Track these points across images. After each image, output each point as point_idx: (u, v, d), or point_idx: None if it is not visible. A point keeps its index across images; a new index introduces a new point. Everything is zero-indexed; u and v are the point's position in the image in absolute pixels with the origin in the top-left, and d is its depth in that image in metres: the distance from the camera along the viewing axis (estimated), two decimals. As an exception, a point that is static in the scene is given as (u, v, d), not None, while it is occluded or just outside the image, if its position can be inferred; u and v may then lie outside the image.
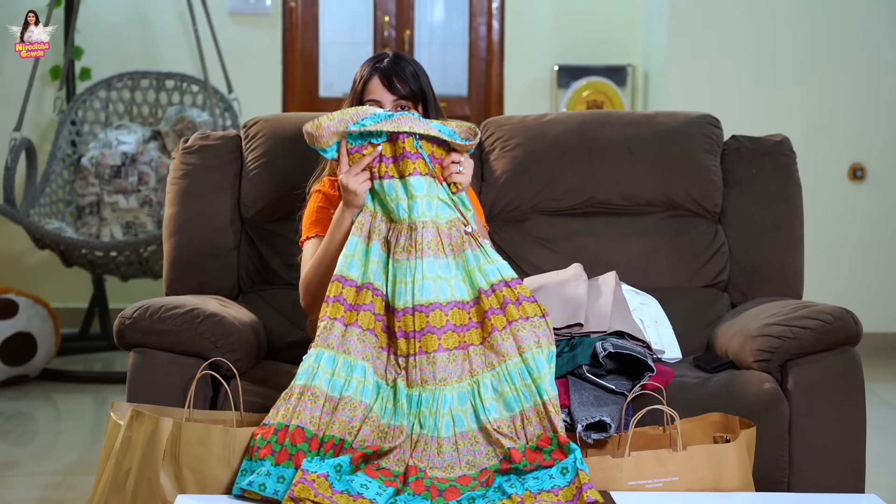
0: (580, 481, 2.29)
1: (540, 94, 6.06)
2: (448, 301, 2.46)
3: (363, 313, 2.48)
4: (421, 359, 2.43)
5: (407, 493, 2.28)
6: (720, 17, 5.60)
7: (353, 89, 2.76)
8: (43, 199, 5.34)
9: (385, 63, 2.74)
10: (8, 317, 4.98)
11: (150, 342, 2.73)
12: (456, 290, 2.48)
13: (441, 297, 2.46)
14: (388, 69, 2.72)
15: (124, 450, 2.48)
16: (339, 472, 2.29)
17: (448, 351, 2.44)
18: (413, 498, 2.27)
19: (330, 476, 2.28)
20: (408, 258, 2.47)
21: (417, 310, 2.45)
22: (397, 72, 2.72)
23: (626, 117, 3.33)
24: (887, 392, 4.94)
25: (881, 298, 5.71)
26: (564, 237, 3.21)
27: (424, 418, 2.40)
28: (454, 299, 2.47)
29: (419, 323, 2.44)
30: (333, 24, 6.16)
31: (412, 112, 2.63)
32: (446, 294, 2.47)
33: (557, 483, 2.30)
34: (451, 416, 2.40)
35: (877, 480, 3.55)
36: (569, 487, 2.28)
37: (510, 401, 2.42)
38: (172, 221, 3.15)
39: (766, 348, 2.76)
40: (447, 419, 2.40)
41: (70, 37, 5.54)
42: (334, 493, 2.25)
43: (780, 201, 3.23)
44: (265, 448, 2.34)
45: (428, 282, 2.46)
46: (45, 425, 4.62)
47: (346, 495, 2.25)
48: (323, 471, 2.28)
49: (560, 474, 2.31)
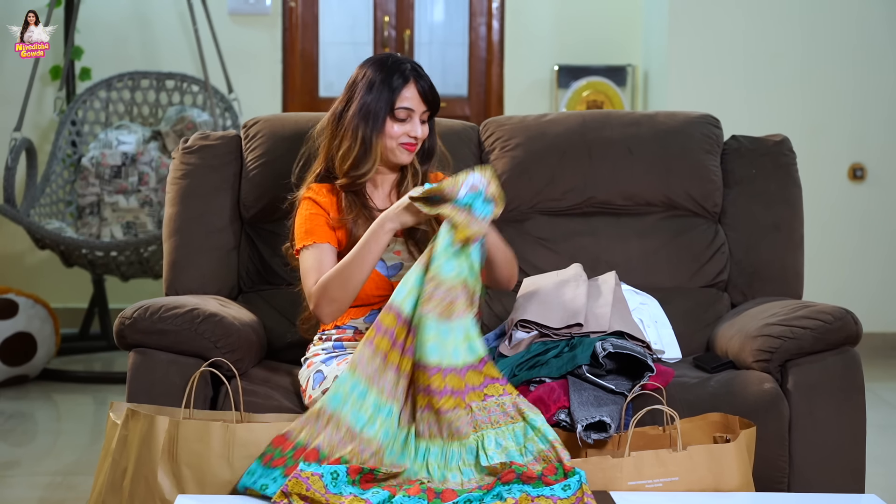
0: (582, 493, 2.29)
1: (540, 94, 6.06)
2: (446, 365, 2.46)
3: (405, 358, 2.48)
4: (428, 413, 2.44)
5: (402, 495, 2.28)
6: (720, 17, 5.60)
7: (378, 88, 2.73)
8: (43, 200, 5.34)
9: (422, 77, 2.75)
10: (8, 317, 4.98)
11: (150, 342, 2.73)
12: (453, 355, 2.47)
13: (442, 361, 2.46)
14: (426, 83, 2.75)
15: (120, 449, 2.47)
16: (334, 478, 2.29)
17: (451, 410, 2.44)
18: (409, 499, 2.27)
19: (325, 478, 2.28)
20: (421, 313, 2.48)
21: (418, 367, 2.46)
22: (431, 87, 2.76)
23: (626, 117, 3.33)
24: (887, 392, 4.94)
25: (881, 298, 5.71)
26: (564, 237, 3.21)
27: (433, 469, 2.40)
28: (451, 364, 2.47)
29: (423, 380, 2.45)
30: (333, 24, 6.16)
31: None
32: (445, 357, 2.46)
33: (558, 495, 2.29)
34: (460, 470, 2.41)
35: (877, 480, 3.55)
36: (568, 499, 2.29)
37: (513, 454, 2.43)
38: (172, 221, 3.15)
39: (766, 348, 2.76)
40: (455, 473, 2.40)
41: (70, 37, 5.54)
42: (327, 493, 2.26)
43: (780, 201, 3.23)
44: (280, 460, 2.36)
45: (432, 343, 2.46)
46: (45, 425, 4.62)
47: (338, 495, 2.26)
48: (318, 471, 2.29)
49: (562, 490, 2.31)
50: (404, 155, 2.77)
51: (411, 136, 2.75)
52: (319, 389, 2.65)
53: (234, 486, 2.41)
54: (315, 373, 2.70)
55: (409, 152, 2.77)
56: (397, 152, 2.76)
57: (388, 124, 2.74)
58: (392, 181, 2.84)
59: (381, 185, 2.84)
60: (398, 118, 2.74)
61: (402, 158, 2.77)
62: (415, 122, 2.75)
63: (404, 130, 2.75)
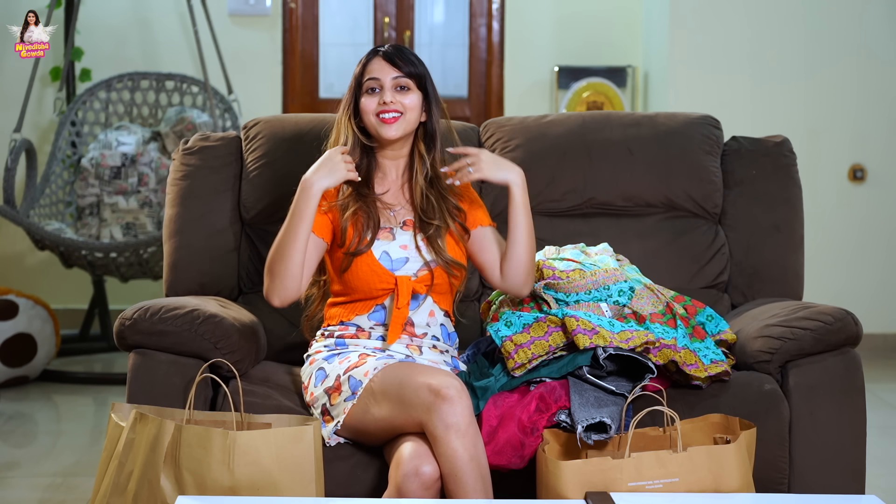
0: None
1: (540, 95, 6.06)
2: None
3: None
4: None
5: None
6: (720, 18, 5.60)
7: (353, 77, 2.77)
8: (43, 200, 5.34)
9: (386, 46, 2.77)
10: (8, 318, 4.98)
11: (150, 343, 2.73)
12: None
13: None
14: (389, 50, 2.75)
15: (127, 452, 2.48)
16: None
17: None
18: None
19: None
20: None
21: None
22: (399, 52, 2.75)
23: (626, 118, 3.33)
24: (888, 393, 4.94)
25: (881, 299, 5.71)
26: (564, 238, 3.20)
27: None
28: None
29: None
30: (333, 25, 6.16)
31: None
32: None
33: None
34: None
35: (877, 481, 3.55)
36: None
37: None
38: (172, 222, 3.15)
39: (767, 349, 2.76)
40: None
41: (70, 38, 5.54)
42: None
43: (781, 202, 3.23)
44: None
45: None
46: (46, 426, 4.62)
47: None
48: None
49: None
50: (384, 128, 2.73)
51: (381, 103, 2.72)
52: (321, 387, 2.66)
53: (234, 492, 2.41)
54: (317, 370, 2.70)
55: (387, 125, 2.73)
56: (378, 128, 2.73)
57: (363, 102, 2.74)
58: (398, 168, 2.82)
59: (388, 172, 2.82)
60: (368, 92, 2.74)
61: (385, 132, 2.73)
62: (385, 91, 2.73)
63: (375, 101, 2.73)
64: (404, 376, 2.55)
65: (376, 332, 2.74)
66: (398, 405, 2.52)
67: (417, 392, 2.50)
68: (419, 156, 2.79)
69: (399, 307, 2.70)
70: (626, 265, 2.99)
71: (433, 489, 2.46)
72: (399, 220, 2.78)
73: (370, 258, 2.72)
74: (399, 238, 2.76)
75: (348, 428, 2.61)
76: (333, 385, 2.64)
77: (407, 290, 2.71)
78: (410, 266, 2.74)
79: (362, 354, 2.69)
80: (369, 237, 2.72)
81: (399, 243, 2.75)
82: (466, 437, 2.46)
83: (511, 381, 2.66)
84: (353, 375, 2.62)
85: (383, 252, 2.73)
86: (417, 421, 2.49)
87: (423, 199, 2.77)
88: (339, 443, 2.64)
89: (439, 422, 2.45)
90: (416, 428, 2.51)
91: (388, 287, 2.72)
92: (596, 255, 2.99)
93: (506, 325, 2.71)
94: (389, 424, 2.55)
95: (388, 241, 2.75)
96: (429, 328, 2.76)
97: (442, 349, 2.77)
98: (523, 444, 2.57)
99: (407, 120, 2.74)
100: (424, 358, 2.72)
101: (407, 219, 2.78)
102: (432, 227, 2.74)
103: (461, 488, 2.44)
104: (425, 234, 2.75)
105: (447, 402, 2.46)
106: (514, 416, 2.59)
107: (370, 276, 2.71)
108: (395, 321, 2.70)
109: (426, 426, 2.48)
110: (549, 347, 2.66)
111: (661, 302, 2.82)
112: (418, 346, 2.74)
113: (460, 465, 2.44)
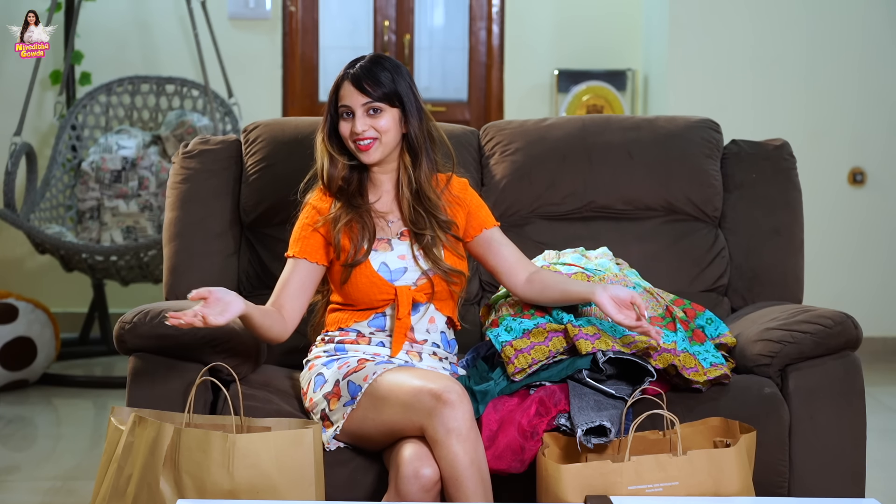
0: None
1: (540, 99, 6.06)
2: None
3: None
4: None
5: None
6: (720, 21, 5.61)
7: (328, 99, 2.75)
8: (43, 204, 5.34)
9: (356, 67, 2.71)
10: (8, 321, 4.98)
11: (150, 347, 2.73)
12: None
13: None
14: (357, 73, 2.69)
15: (126, 455, 2.48)
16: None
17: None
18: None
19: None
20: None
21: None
22: (368, 75, 2.68)
23: (626, 122, 3.33)
24: (887, 396, 4.94)
25: (881, 303, 5.71)
26: (564, 242, 3.20)
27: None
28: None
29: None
30: (333, 28, 6.17)
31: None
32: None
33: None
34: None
35: (877, 485, 3.55)
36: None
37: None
38: (172, 226, 3.15)
39: (767, 353, 2.76)
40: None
41: (70, 41, 5.54)
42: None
43: (780, 206, 3.23)
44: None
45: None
46: (45, 430, 4.62)
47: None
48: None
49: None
50: (361, 154, 2.72)
51: (352, 132, 2.70)
52: (320, 392, 2.65)
53: (234, 496, 2.41)
54: (316, 375, 2.70)
55: (363, 151, 2.71)
56: (356, 153, 2.73)
57: (340, 125, 2.73)
58: (392, 179, 2.80)
59: (381, 184, 2.81)
60: (343, 116, 2.72)
61: (364, 158, 2.72)
62: (356, 119, 2.70)
63: (349, 127, 2.72)
64: (404, 380, 2.55)
65: (376, 338, 2.74)
66: (398, 409, 2.52)
67: (418, 396, 2.50)
68: (404, 168, 2.77)
69: (400, 318, 2.70)
70: (626, 269, 2.99)
71: (433, 492, 2.46)
72: (395, 231, 2.78)
73: (369, 269, 2.71)
74: (396, 248, 2.75)
75: (347, 433, 2.61)
76: (332, 390, 2.63)
77: (407, 300, 2.70)
78: (409, 276, 2.73)
79: (361, 359, 2.68)
80: (366, 247, 2.72)
81: (397, 253, 2.75)
82: (467, 442, 2.45)
83: (511, 385, 2.66)
84: (353, 380, 2.61)
85: (382, 263, 2.73)
86: (418, 425, 2.49)
87: (412, 211, 2.75)
88: (338, 447, 2.64)
89: (440, 426, 2.45)
90: (416, 432, 2.51)
91: (389, 298, 2.72)
92: (596, 258, 2.99)
93: (506, 331, 2.71)
94: (389, 429, 2.54)
95: (385, 252, 2.74)
96: (429, 335, 2.75)
97: (441, 356, 2.77)
98: (523, 448, 2.57)
99: (384, 142, 2.71)
100: (424, 364, 2.72)
101: (404, 229, 2.78)
102: (426, 237, 2.74)
103: (462, 492, 2.44)
104: (420, 245, 2.75)
105: (448, 406, 2.46)
106: (514, 420, 2.59)
107: (370, 288, 2.71)
108: (398, 332, 2.70)
109: (427, 430, 2.47)
110: (550, 352, 2.65)
111: (660, 305, 2.82)
112: (418, 352, 2.74)
113: (461, 470, 2.44)
